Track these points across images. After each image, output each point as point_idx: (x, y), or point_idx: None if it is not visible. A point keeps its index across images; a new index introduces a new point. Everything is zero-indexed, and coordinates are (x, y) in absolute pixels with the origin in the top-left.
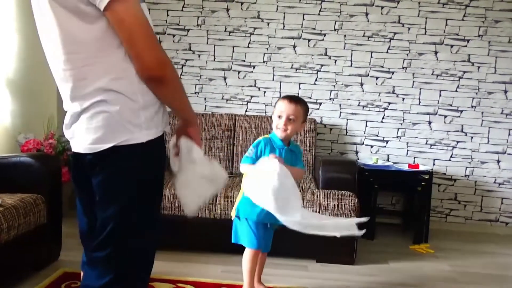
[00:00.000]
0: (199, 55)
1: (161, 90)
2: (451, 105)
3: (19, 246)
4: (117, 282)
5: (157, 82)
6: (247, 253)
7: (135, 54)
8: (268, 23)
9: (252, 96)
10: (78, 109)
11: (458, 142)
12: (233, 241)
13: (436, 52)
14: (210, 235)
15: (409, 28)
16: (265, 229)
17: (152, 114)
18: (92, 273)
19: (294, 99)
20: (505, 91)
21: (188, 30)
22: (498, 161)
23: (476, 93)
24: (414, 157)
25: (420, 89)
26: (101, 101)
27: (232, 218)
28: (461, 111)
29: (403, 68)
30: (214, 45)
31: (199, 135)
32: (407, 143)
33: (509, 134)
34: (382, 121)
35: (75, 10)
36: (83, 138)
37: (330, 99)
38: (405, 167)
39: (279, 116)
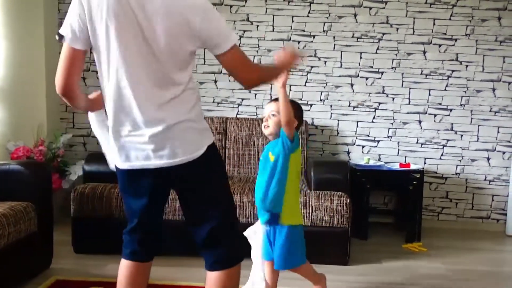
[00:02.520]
0: None
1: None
2: (440, 104)
3: (10, 255)
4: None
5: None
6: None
7: (239, 80)
8: (258, 26)
9: (243, 99)
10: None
11: (448, 140)
12: None
13: (424, 52)
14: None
15: (397, 29)
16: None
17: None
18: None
19: (276, 99)
20: (493, 89)
21: None
22: (488, 159)
23: (465, 92)
24: (405, 157)
25: (410, 88)
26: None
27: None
28: (451, 110)
29: (392, 68)
30: (204, 49)
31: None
32: (398, 142)
33: (498, 132)
34: (373, 121)
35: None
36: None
37: (321, 100)
38: (396, 167)
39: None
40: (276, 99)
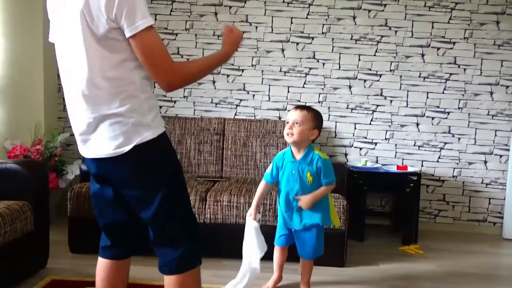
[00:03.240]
0: (187, 59)
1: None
2: (438, 107)
3: (6, 254)
4: None
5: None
6: None
7: (153, 77)
8: (257, 27)
9: (241, 100)
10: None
11: (445, 143)
12: None
13: (423, 55)
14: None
15: (396, 31)
16: (281, 228)
17: (154, 115)
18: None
19: (301, 107)
20: (491, 93)
21: (176, 34)
22: (485, 162)
23: (463, 95)
24: (403, 159)
25: (408, 91)
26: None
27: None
28: (448, 113)
29: (390, 70)
30: (203, 49)
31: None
32: (396, 145)
33: (496, 135)
34: (370, 124)
35: (104, 40)
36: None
37: (319, 102)
38: (393, 169)
39: (287, 124)
40: (300, 107)
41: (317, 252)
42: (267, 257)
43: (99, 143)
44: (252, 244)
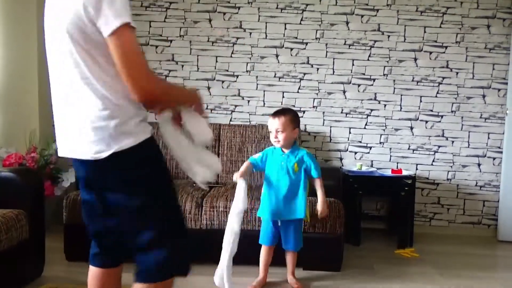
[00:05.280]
0: (182, 66)
1: (152, 106)
2: (431, 111)
3: (1, 262)
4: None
5: (147, 104)
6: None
7: (126, 81)
8: (251, 33)
9: (236, 106)
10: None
11: (439, 146)
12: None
13: (415, 59)
14: (196, 246)
15: (388, 36)
16: (268, 225)
17: (137, 122)
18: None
19: (277, 113)
20: (483, 96)
21: (171, 41)
22: (479, 164)
23: (456, 98)
24: (397, 163)
25: (401, 95)
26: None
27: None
28: (442, 116)
29: (384, 75)
30: (197, 56)
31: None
32: (390, 148)
33: (489, 138)
34: (365, 128)
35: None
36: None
37: (314, 107)
38: (388, 173)
39: (271, 133)
40: (277, 114)
41: (300, 243)
42: (252, 260)
43: (81, 146)
44: (236, 202)
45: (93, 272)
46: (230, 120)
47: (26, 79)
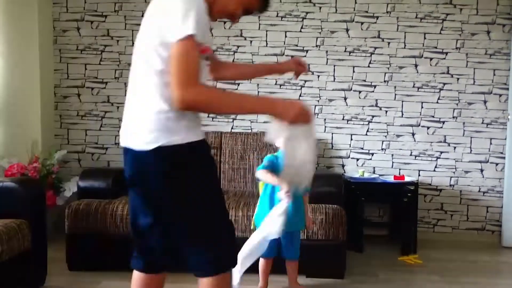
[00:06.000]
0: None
1: (199, 111)
2: (433, 117)
3: (3, 272)
4: None
5: (188, 110)
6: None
7: (171, 86)
8: (251, 41)
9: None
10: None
11: (441, 152)
12: None
13: (416, 65)
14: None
15: (389, 43)
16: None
17: (188, 123)
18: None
19: None
20: (485, 101)
21: None
22: (482, 170)
23: (457, 104)
24: (400, 169)
25: (402, 101)
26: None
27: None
28: (443, 122)
29: (384, 81)
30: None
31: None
32: (392, 155)
33: (491, 143)
34: (366, 134)
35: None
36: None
37: (315, 114)
38: (390, 179)
39: None
40: None
41: (299, 252)
42: (252, 270)
43: (133, 135)
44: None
45: (134, 276)
46: (232, 128)
47: (28, 90)
